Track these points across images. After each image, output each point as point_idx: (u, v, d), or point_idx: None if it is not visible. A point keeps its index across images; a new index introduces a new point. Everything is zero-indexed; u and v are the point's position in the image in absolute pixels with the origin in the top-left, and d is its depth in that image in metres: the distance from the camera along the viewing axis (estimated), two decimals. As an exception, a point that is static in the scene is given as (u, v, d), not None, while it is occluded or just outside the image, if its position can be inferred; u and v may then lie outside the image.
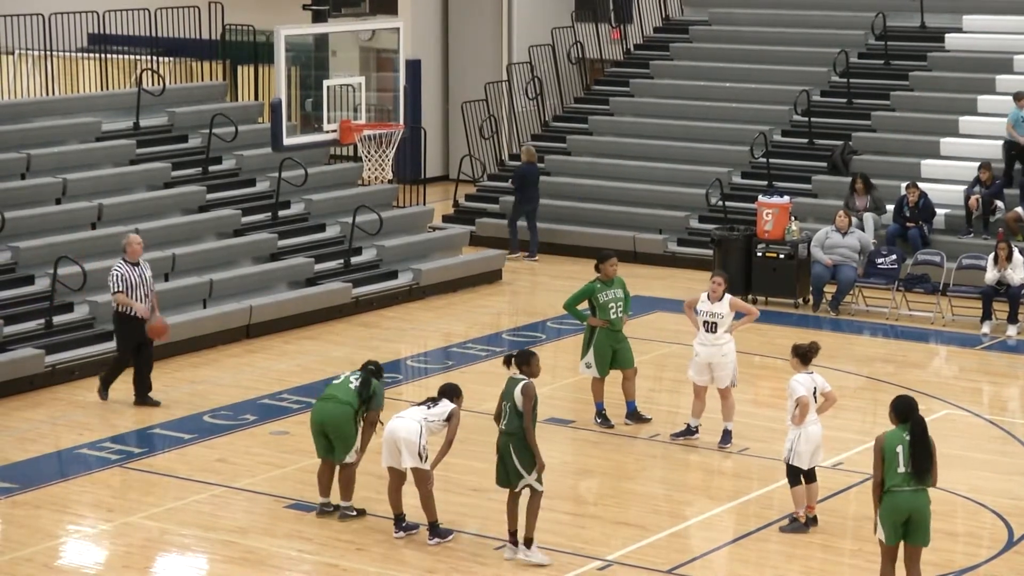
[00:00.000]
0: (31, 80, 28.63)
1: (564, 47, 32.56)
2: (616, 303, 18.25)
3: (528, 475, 14.27)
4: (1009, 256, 22.91)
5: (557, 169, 29.85)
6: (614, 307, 18.23)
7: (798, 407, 15.16)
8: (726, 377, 17.65)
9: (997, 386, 21.42)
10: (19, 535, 15.30)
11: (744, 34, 31.57)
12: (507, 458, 14.30)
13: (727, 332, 17.60)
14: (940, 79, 28.96)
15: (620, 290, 18.36)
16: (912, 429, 12.91)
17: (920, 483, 12.89)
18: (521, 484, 14.30)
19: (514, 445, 14.26)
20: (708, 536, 15.56)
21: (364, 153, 22.58)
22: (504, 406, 14.36)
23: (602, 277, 18.31)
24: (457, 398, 15.01)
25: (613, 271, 18.32)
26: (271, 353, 21.73)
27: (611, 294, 18.25)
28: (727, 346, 17.62)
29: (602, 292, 18.26)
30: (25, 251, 22.00)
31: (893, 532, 12.93)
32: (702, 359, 17.66)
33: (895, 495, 12.83)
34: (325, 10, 22.53)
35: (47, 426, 18.72)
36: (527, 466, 14.26)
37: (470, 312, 24.33)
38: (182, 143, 26.36)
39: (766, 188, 26.64)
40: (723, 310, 17.56)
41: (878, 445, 12.91)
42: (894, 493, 12.82)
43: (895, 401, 13.13)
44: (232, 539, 15.16)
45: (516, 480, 14.31)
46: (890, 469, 12.81)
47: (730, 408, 17.81)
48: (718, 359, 17.58)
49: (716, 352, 17.58)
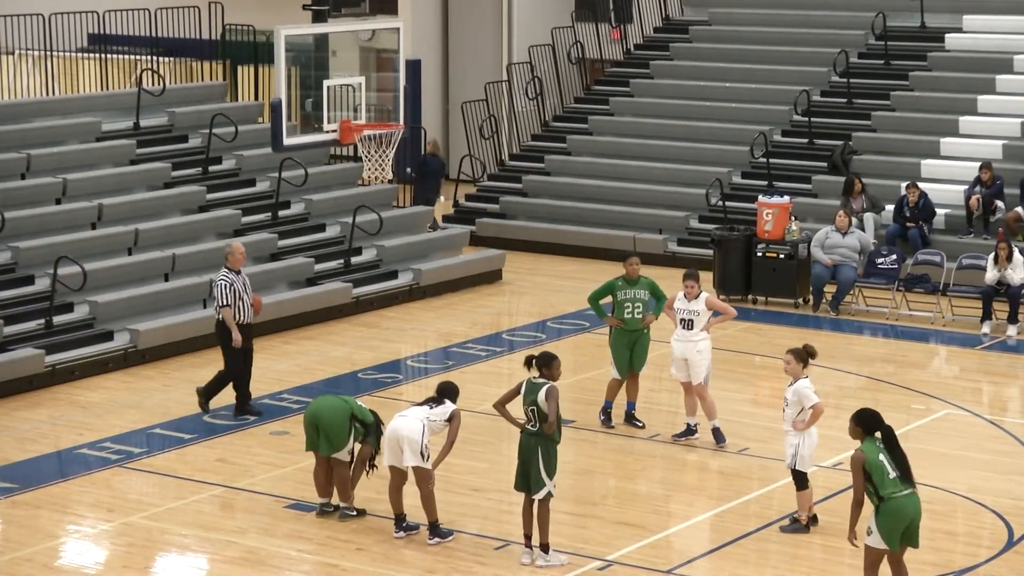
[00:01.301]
0: (31, 80, 28.64)
1: (564, 47, 32.57)
2: (634, 303, 18.27)
3: (550, 481, 14.25)
4: (1009, 256, 22.91)
5: (557, 169, 29.85)
6: (630, 307, 18.27)
7: (812, 413, 15.15)
8: (699, 373, 17.77)
9: (997, 386, 21.43)
10: (19, 535, 15.31)
11: (744, 34, 31.57)
12: (532, 462, 14.26)
13: (703, 330, 17.72)
14: (940, 79, 28.96)
15: (644, 291, 18.33)
16: (885, 435, 12.85)
17: (910, 485, 12.84)
18: (543, 492, 14.28)
19: (542, 447, 14.26)
20: (708, 536, 15.57)
21: (364, 153, 22.58)
22: (529, 410, 14.34)
23: (625, 275, 18.39)
24: (455, 397, 15.05)
25: (633, 271, 18.37)
26: (271, 353, 21.72)
27: (630, 293, 18.30)
28: (702, 343, 17.77)
29: (622, 290, 18.35)
30: (25, 251, 22.00)
31: (896, 538, 12.85)
32: (677, 354, 17.90)
33: (895, 501, 12.75)
34: (325, 10, 22.51)
35: (47, 426, 18.72)
36: (551, 470, 14.25)
37: (470, 312, 24.33)
38: (182, 143, 26.36)
39: (766, 188, 26.64)
40: (699, 307, 17.76)
41: (859, 462, 12.75)
42: (893, 500, 12.73)
43: (860, 416, 12.98)
44: (232, 539, 15.16)
45: (538, 487, 14.28)
46: (882, 479, 12.70)
47: (710, 406, 17.87)
48: (692, 355, 17.75)
49: (691, 348, 17.76)
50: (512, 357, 21.59)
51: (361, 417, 15.43)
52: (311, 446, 15.52)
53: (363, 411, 15.53)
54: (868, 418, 12.96)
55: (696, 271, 18.11)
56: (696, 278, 17.84)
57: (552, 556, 14.44)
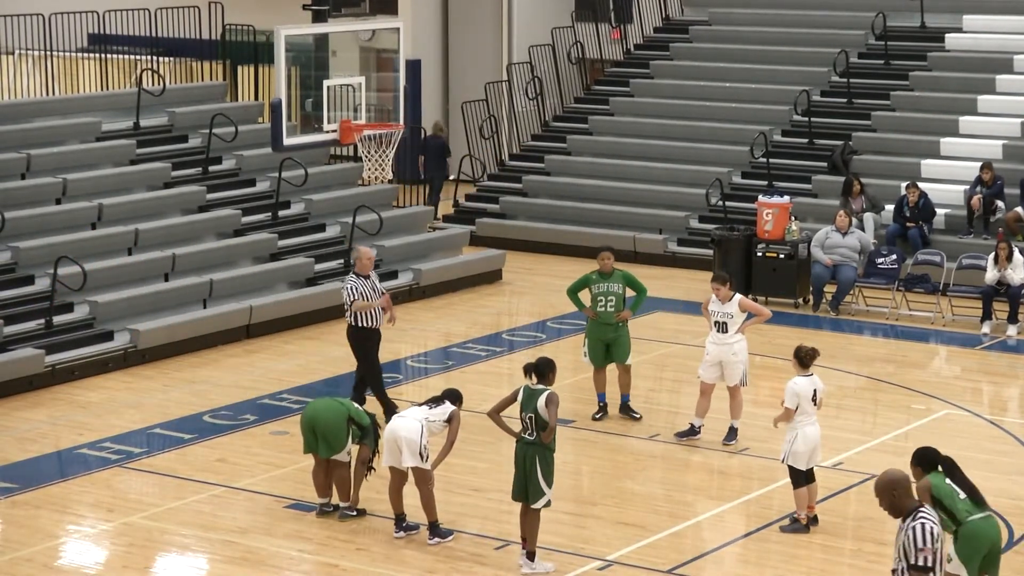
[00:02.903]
0: (31, 80, 28.63)
1: (564, 47, 32.57)
2: (607, 297, 18.42)
3: (548, 490, 14.22)
4: (1009, 256, 22.91)
5: (557, 169, 29.85)
6: (603, 300, 18.44)
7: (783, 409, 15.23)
8: (736, 375, 17.79)
9: (997, 386, 21.43)
10: (19, 535, 15.30)
11: (744, 34, 31.57)
12: (530, 471, 14.20)
13: (738, 332, 17.74)
14: (940, 79, 28.96)
15: (618, 285, 18.45)
16: (947, 467, 12.44)
17: (986, 508, 12.39)
18: (542, 502, 14.25)
19: (539, 456, 14.21)
20: (708, 536, 15.56)
21: (364, 153, 22.57)
22: (526, 418, 14.29)
23: (600, 269, 18.50)
24: (459, 403, 15.03)
25: (606, 265, 18.49)
26: (271, 353, 21.73)
27: (604, 287, 18.44)
28: (737, 345, 17.76)
29: (596, 284, 18.52)
30: (25, 251, 22.00)
31: (976, 564, 12.28)
32: (712, 357, 17.83)
33: (972, 525, 12.25)
34: (325, 10, 22.51)
35: (47, 426, 18.72)
36: (549, 479, 14.22)
37: (470, 312, 24.33)
38: (182, 143, 26.36)
39: (766, 188, 26.64)
40: (733, 310, 17.74)
41: (925, 490, 12.22)
42: (971, 523, 12.25)
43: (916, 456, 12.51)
44: (232, 539, 15.16)
45: (536, 497, 14.22)
46: (954, 503, 12.23)
47: (738, 406, 17.92)
48: (728, 357, 17.74)
49: (727, 351, 17.74)
50: (512, 357, 21.59)
51: (357, 419, 15.43)
52: (309, 449, 15.53)
53: (359, 413, 15.53)
54: (923, 455, 12.51)
55: (724, 273, 18.17)
56: (723, 281, 17.83)
57: (537, 564, 14.39)
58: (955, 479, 12.48)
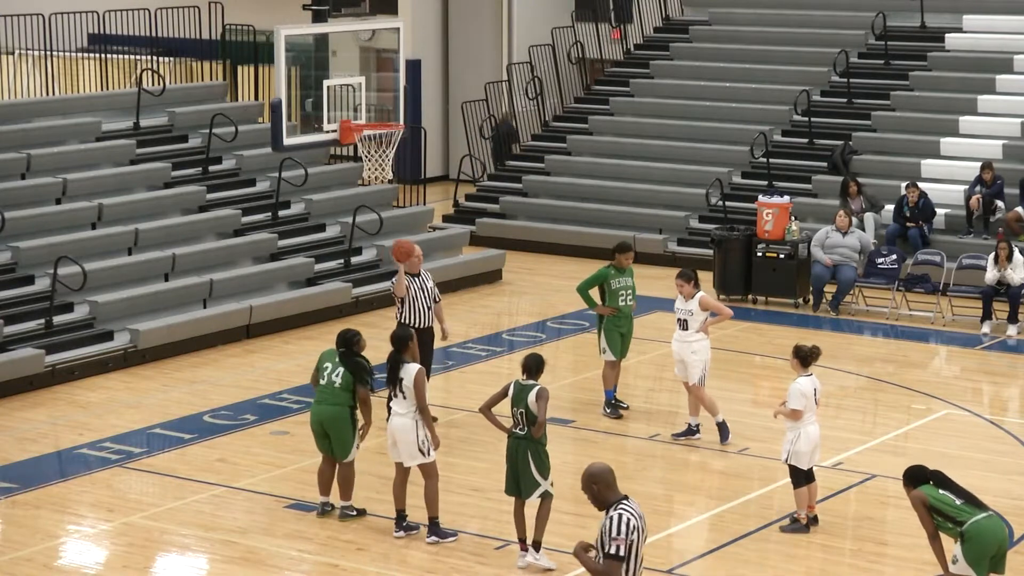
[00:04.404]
0: (31, 80, 28.61)
1: (564, 47, 32.56)
2: (626, 291, 18.61)
3: (544, 481, 14.24)
4: (1009, 256, 22.91)
5: (557, 169, 29.85)
6: (624, 294, 18.58)
7: (786, 409, 15.20)
8: (694, 374, 17.79)
9: (997, 386, 21.42)
10: (19, 535, 15.30)
11: (744, 34, 31.57)
12: (522, 465, 14.22)
13: (698, 331, 17.76)
14: (940, 79, 28.96)
15: (631, 279, 18.71)
16: (936, 480, 12.57)
17: (986, 508, 12.46)
18: (536, 493, 14.25)
19: (531, 450, 14.23)
20: (708, 536, 15.56)
21: (364, 153, 22.57)
22: (517, 413, 14.31)
23: (616, 264, 18.60)
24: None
25: (627, 263, 18.69)
26: (271, 353, 21.73)
27: (623, 281, 18.61)
28: (697, 344, 17.76)
29: (615, 279, 18.59)
30: (25, 251, 21.99)
31: (984, 565, 12.38)
32: (675, 354, 17.98)
33: (977, 525, 12.32)
34: (325, 10, 22.50)
35: (47, 426, 18.72)
36: (544, 471, 14.24)
37: (470, 312, 24.32)
38: (182, 143, 26.36)
39: (766, 188, 26.64)
40: (693, 307, 17.77)
41: (919, 499, 12.45)
42: (975, 524, 12.32)
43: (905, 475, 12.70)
44: (232, 539, 15.16)
45: (530, 490, 14.22)
46: (952, 508, 12.35)
47: (710, 404, 17.89)
48: (687, 355, 17.77)
49: (686, 349, 17.79)
50: (512, 357, 21.58)
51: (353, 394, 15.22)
52: (324, 449, 15.49)
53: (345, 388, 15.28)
54: (912, 475, 12.68)
55: (689, 271, 18.13)
56: (687, 278, 17.83)
57: (541, 557, 14.40)
58: (948, 489, 12.56)
